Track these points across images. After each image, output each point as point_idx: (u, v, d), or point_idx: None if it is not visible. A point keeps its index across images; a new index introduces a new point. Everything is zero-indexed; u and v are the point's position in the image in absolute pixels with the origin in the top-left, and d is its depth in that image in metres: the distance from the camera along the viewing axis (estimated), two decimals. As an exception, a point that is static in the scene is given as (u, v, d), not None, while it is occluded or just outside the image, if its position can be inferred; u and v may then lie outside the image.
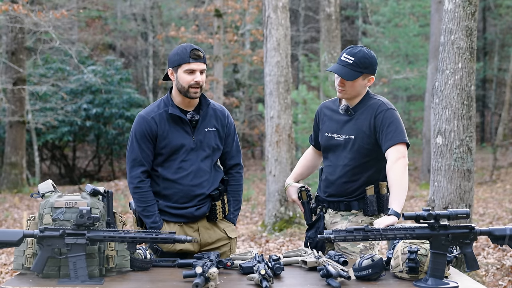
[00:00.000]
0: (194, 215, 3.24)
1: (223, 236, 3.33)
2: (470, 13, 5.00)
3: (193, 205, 3.23)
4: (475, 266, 2.67)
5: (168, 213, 3.23)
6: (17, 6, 11.91)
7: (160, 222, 3.21)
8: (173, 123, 3.21)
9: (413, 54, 18.88)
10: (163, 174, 3.23)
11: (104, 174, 21.62)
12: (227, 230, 3.34)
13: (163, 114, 3.21)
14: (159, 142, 3.20)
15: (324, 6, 12.23)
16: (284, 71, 8.62)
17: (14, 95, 15.38)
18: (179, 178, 3.21)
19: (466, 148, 5.03)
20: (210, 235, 3.29)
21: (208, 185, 3.25)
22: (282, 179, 8.41)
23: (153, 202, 3.20)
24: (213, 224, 3.31)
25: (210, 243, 3.30)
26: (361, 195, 3.22)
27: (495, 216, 9.62)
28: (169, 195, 3.23)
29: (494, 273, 5.78)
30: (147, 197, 3.20)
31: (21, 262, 2.77)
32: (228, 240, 3.35)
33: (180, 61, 3.14)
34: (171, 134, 3.20)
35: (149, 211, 3.19)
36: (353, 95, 3.22)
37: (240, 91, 21.91)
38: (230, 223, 3.37)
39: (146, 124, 3.20)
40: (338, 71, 3.17)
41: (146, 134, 3.19)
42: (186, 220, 3.24)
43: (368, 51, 3.20)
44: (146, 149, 3.20)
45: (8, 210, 12.17)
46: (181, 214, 3.23)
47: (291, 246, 7.60)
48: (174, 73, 3.19)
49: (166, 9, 22.60)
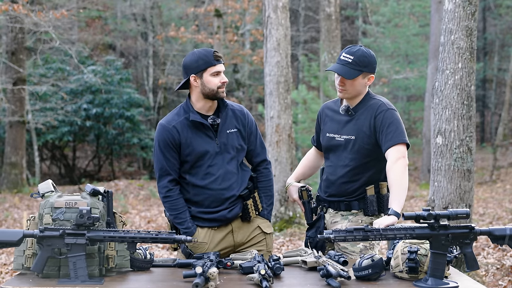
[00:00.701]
0: (227, 218, 3.24)
1: (258, 232, 3.32)
2: (470, 13, 5.00)
3: (225, 208, 3.23)
4: (475, 266, 2.67)
5: (201, 218, 3.23)
6: (17, 6, 11.91)
7: (194, 228, 3.21)
8: (195, 129, 3.21)
9: (413, 54, 18.89)
10: (192, 181, 3.23)
11: (104, 174, 21.62)
12: (262, 226, 3.34)
13: (184, 121, 3.21)
14: (183, 150, 3.20)
15: (324, 6, 12.23)
16: (284, 71, 8.62)
17: (14, 95, 15.38)
18: (208, 183, 3.21)
19: (466, 148, 5.03)
20: (245, 234, 3.29)
21: (237, 187, 3.25)
22: (282, 179, 8.42)
23: (184, 209, 3.21)
24: (247, 223, 3.31)
25: (245, 242, 3.30)
26: (362, 195, 3.23)
27: (495, 216, 9.62)
28: (200, 201, 3.24)
29: (494, 273, 5.78)
30: (177, 204, 3.20)
31: (21, 262, 2.77)
32: (264, 236, 3.34)
33: (206, 65, 3.14)
34: (194, 141, 3.20)
35: (180, 218, 3.19)
36: (353, 94, 3.23)
37: (240, 91, 21.90)
38: (265, 220, 3.37)
39: (168, 133, 3.19)
40: (338, 70, 3.18)
41: (169, 143, 3.19)
42: (220, 224, 3.24)
43: (367, 50, 3.21)
44: (171, 158, 3.20)
45: (8, 210, 12.17)
46: (213, 218, 3.23)
47: (291, 246, 7.60)
48: (198, 78, 3.17)
49: (166, 9, 22.60)
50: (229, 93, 21.77)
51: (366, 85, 3.23)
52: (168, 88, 22.33)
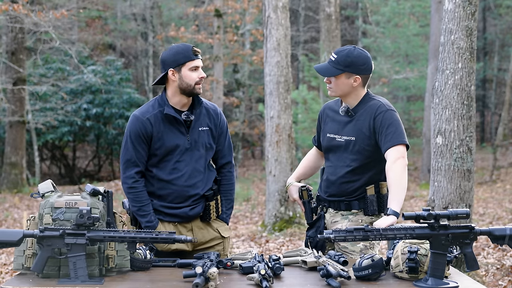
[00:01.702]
0: (188, 215, 3.25)
1: (216, 235, 3.34)
2: (470, 13, 5.00)
3: (187, 205, 3.24)
4: (475, 266, 2.67)
5: (163, 212, 3.25)
6: (17, 6, 11.90)
7: (156, 221, 3.22)
8: (168, 124, 3.21)
9: (413, 54, 18.88)
10: (158, 175, 3.24)
11: (104, 174, 21.62)
12: (220, 229, 3.36)
13: (158, 114, 3.21)
14: (154, 143, 3.20)
15: (324, 6, 12.24)
16: (284, 71, 8.62)
17: (14, 95, 15.38)
18: (173, 179, 3.22)
19: (466, 148, 5.03)
20: (204, 234, 3.31)
21: (202, 186, 3.26)
22: (282, 179, 8.42)
23: (147, 202, 3.21)
24: (207, 224, 3.33)
25: (203, 243, 3.31)
26: (362, 195, 3.23)
27: (495, 216, 9.62)
28: (163, 195, 3.24)
29: (494, 273, 5.78)
30: (142, 197, 3.21)
31: (21, 262, 2.77)
32: (222, 240, 3.36)
33: (185, 59, 3.15)
34: (166, 135, 3.20)
35: (144, 210, 3.20)
36: (339, 94, 3.23)
37: (240, 91, 21.89)
38: (223, 223, 3.38)
39: (141, 124, 3.19)
40: (318, 67, 3.25)
41: (141, 135, 3.19)
42: (180, 220, 3.26)
43: (358, 52, 3.18)
44: (140, 150, 3.20)
45: (8, 210, 12.17)
46: (175, 214, 3.24)
47: (291, 246, 7.60)
48: (176, 73, 3.17)
49: (166, 9, 22.60)
50: (229, 93, 21.77)
51: (353, 86, 3.20)
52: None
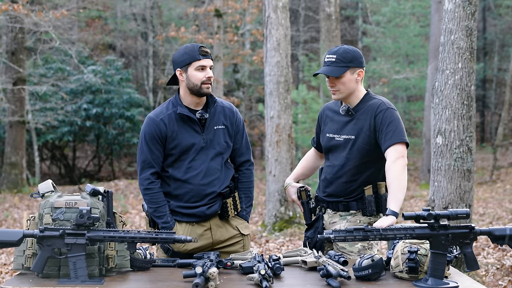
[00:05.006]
0: (205, 214, 3.24)
1: (236, 233, 3.33)
2: (470, 13, 5.00)
3: (204, 204, 3.24)
4: (475, 266, 2.67)
5: (180, 213, 3.24)
6: (17, 6, 11.90)
7: (172, 222, 3.21)
8: (182, 123, 3.22)
9: (413, 54, 18.89)
10: (174, 175, 3.24)
11: (104, 174, 21.63)
12: (240, 227, 3.35)
13: (172, 114, 3.22)
14: (169, 143, 3.21)
15: (324, 6, 12.24)
16: (284, 71, 8.62)
17: (14, 95, 15.38)
18: (189, 177, 3.22)
19: (466, 148, 5.03)
20: (223, 233, 3.30)
21: (219, 184, 3.26)
22: (282, 179, 8.41)
23: (164, 203, 3.22)
24: (226, 222, 3.32)
25: (223, 241, 3.30)
26: (360, 195, 3.23)
27: (495, 216, 9.62)
28: (180, 195, 3.24)
29: (494, 273, 5.78)
30: (158, 198, 3.21)
31: (21, 262, 2.77)
32: (242, 237, 3.35)
33: (191, 59, 3.16)
34: (180, 135, 3.21)
35: (160, 211, 3.20)
36: (346, 93, 3.22)
37: (240, 91, 21.90)
38: (243, 220, 3.38)
39: (155, 126, 3.20)
40: (324, 71, 3.21)
41: (155, 136, 3.20)
42: (198, 220, 3.25)
43: (349, 47, 3.22)
44: (155, 151, 3.22)
45: (8, 210, 12.17)
46: (192, 214, 3.24)
47: (291, 246, 7.60)
48: (183, 73, 3.19)
49: (166, 9, 22.60)
50: (229, 93, 21.78)
51: (357, 81, 3.21)
52: (168, 88, 22.34)
